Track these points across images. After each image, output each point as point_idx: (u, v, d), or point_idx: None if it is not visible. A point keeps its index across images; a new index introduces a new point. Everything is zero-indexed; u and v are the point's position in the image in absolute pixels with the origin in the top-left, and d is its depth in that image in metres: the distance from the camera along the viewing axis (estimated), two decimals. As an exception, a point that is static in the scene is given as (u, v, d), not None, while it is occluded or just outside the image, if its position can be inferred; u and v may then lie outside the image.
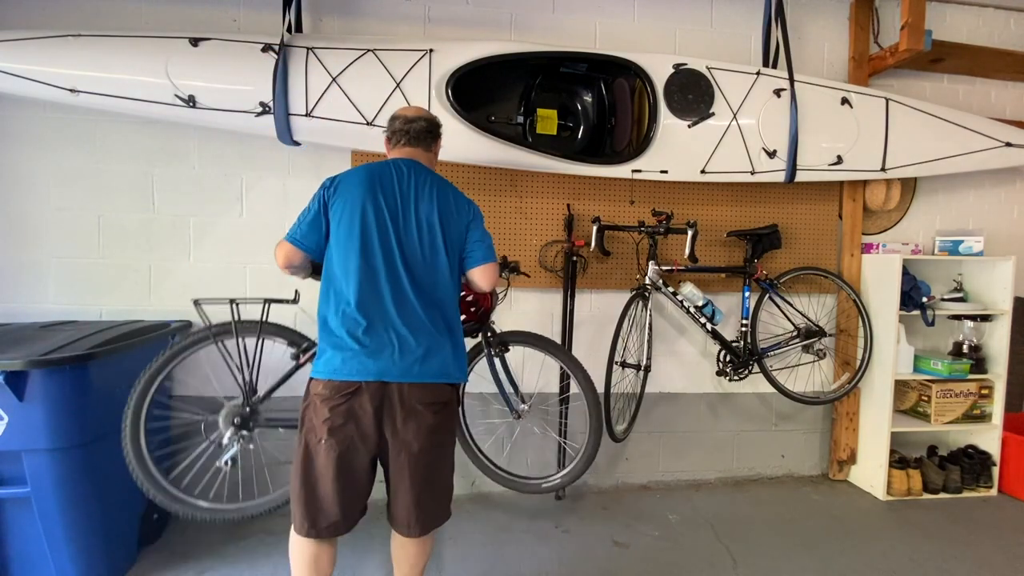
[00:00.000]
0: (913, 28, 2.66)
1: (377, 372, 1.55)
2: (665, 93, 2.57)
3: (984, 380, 3.02)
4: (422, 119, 1.81)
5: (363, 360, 1.55)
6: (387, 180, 1.68)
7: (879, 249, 3.03)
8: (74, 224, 2.54)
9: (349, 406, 1.55)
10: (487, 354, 2.40)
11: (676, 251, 2.90)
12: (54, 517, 1.92)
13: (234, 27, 2.58)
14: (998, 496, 2.99)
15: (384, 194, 1.65)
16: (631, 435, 2.88)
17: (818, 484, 3.12)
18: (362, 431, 1.55)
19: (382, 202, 1.64)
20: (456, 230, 1.72)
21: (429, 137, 1.82)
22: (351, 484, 1.58)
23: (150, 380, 2.00)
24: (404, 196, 1.67)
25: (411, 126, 1.78)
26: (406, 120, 1.79)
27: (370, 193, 1.65)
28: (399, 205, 1.66)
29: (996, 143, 2.91)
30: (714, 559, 2.36)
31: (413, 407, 1.57)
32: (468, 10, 2.74)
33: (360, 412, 1.55)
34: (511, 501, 2.83)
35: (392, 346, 1.58)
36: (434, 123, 1.84)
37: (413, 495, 1.60)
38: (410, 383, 1.57)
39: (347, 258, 1.61)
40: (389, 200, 1.65)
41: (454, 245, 1.71)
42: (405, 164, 1.73)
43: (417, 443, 1.58)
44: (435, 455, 1.63)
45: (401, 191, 1.67)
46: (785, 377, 2.99)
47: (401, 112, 1.84)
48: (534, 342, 2.42)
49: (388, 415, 1.56)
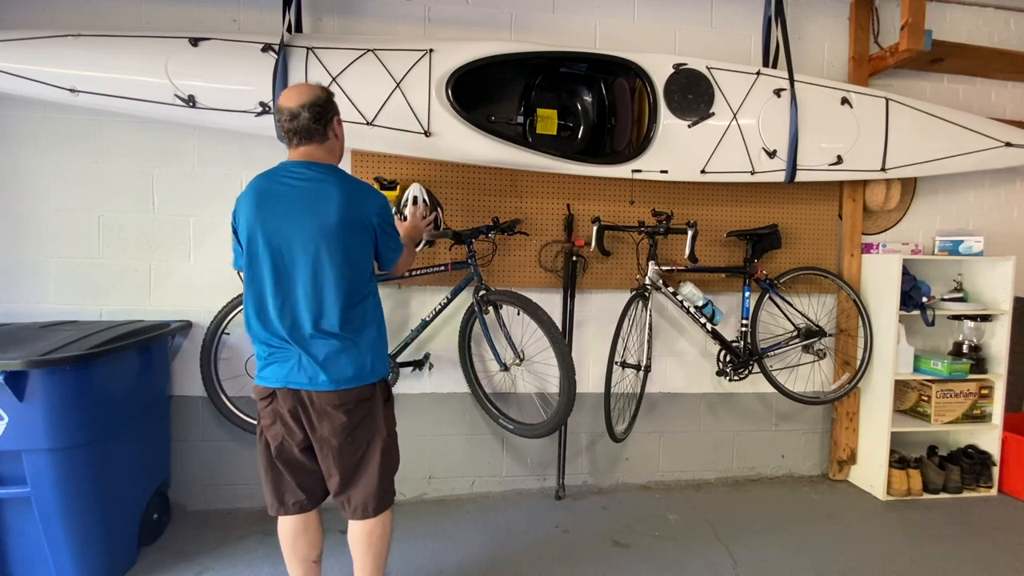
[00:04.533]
0: (913, 28, 2.66)
1: (285, 380, 1.64)
2: (665, 93, 2.57)
3: (984, 380, 3.02)
4: (305, 107, 1.62)
5: (274, 369, 1.66)
6: (271, 189, 1.64)
7: (879, 249, 3.03)
8: (74, 224, 2.54)
9: (272, 408, 1.69)
10: (478, 312, 2.55)
11: (676, 251, 2.90)
12: (54, 517, 1.92)
13: (234, 27, 2.58)
14: (998, 496, 2.99)
15: (270, 203, 1.62)
16: (631, 435, 2.88)
17: (818, 484, 3.12)
18: (287, 428, 1.69)
19: (268, 213, 1.62)
20: (357, 231, 1.66)
21: (319, 129, 1.66)
22: (297, 469, 1.73)
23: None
24: (293, 200, 1.61)
25: (296, 123, 1.63)
26: (290, 115, 1.63)
27: (256, 207, 1.63)
28: (283, 211, 1.61)
29: (996, 143, 2.91)
30: (714, 559, 2.36)
31: (323, 409, 1.65)
32: (468, 10, 2.74)
33: (281, 412, 1.68)
34: (511, 501, 2.83)
35: (295, 358, 1.63)
36: (320, 108, 1.64)
37: (340, 481, 1.71)
38: (317, 391, 1.63)
39: (249, 276, 1.66)
40: (275, 208, 1.62)
41: (355, 245, 1.66)
42: (294, 166, 1.66)
43: (336, 439, 1.67)
44: (356, 448, 1.70)
45: (290, 196, 1.62)
46: (785, 377, 2.99)
47: (282, 104, 1.65)
48: (508, 299, 2.45)
49: (304, 416, 1.67)
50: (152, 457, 2.41)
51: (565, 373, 2.33)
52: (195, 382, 2.58)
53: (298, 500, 1.75)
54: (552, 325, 2.35)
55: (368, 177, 2.64)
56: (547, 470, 2.94)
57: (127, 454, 2.18)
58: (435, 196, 2.59)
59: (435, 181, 2.70)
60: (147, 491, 2.34)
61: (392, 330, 2.70)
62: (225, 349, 2.58)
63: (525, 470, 2.94)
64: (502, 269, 2.79)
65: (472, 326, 2.68)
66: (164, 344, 2.49)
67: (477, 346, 2.79)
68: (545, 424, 2.48)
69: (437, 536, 2.48)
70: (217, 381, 2.54)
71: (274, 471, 1.74)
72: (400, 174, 2.66)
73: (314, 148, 1.69)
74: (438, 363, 2.79)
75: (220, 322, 2.52)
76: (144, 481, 2.33)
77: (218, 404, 2.53)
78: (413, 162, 2.66)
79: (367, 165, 2.65)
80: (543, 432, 2.50)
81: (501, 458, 2.92)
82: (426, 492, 2.86)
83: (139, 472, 2.28)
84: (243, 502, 2.68)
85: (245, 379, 2.56)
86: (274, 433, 1.71)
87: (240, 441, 2.64)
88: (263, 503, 1.78)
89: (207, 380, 2.51)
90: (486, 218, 2.71)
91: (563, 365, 2.34)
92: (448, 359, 2.80)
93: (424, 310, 2.66)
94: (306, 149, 1.69)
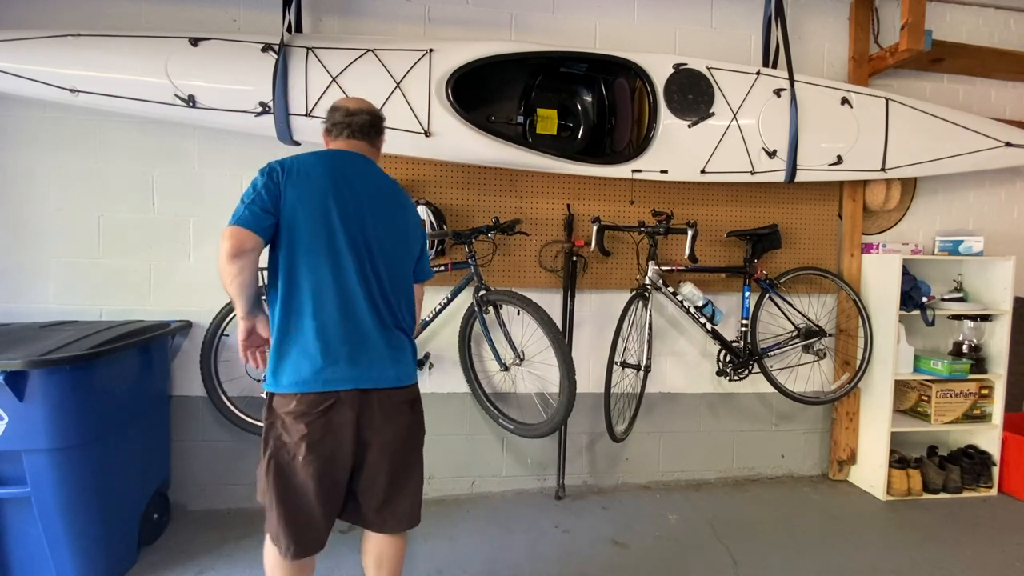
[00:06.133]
0: (913, 28, 2.67)
1: (355, 380, 1.49)
2: (665, 93, 2.57)
3: (984, 380, 3.02)
4: (365, 112, 1.68)
5: (337, 369, 1.48)
6: (349, 172, 1.58)
7: (879, 249, 3.03)
8: (74, 224, 2.54)
9: (327, 419, 1.47)
10: (478, 312, 2.56)
11: (676, 251, 2.90)
12: (54, 517, 1.92)
13: (234, 27, 2.58)
14: (998, 496, 2.99)
15: (350, 187, 1.54)
16: (631, 435, 2.88)
17: (818, 484, 3.12)
18: (339, 442, 1.49)
19: (348, 196, 1.53)
20: (414, 236, 1.70)
21: (373, 131, 1.70)
22: (334, 495, 1.53)
23: None
24: (370, 191, 1.58)
25: (353, 119, 1.66)
26: (347, 112, 1.66)
27: (333, 185, 1.52)
28: (365, 200, 1.56)
29: (996, 143, 2.91)
30: (714, 559, 2.36)
31: (396, 407, 1.57)
32: (468, 10, 2.74)
33: (340, 422, 1.49)
34: (511, 501, 2.83)
35: (367, 352, 1.52)
36: (378, 116, 1.72)
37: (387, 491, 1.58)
38: (388, 388, 1.55)
39: (314, 259, 1.49)
40: (356, 194, 1.55)
41: (414, 249, 1.70)
42: (361, 158, 1.64)
43: (399, 442, 1.58)
44: (413, 449, 1.65)
45: (365, 185, 1.58)
46: (785, 377, 2.99)
47: (342, 103, 1.70)
48: (508, 299, 2.46)
49: (368, 421, 1.52)
50: (152, 457, 2.41)
51: (565, 373, 2.33)
52: (195, 382, 2.58)
53: (319, 538, 1.54)
54: (552, 325, 2.35)
55: (368, 177, 2.64)
56: (547, 470, 2.94)
57: (127, 454, 2.18)
58: (442, 212, 2.60)
59: (435, 181, 2.70)
60: (147, 491, 2.34)
61: (392, 330, 2.71)
62: (225, 350, 2.58)
63: (525, 470, 2.94)
64: (502, 269, 2.79)
65: (472, 326, 2.68)
66: (164, 344, 2.49)
67: (477, 346, 2.79)
68: (545, 424, 2.48)
69: (437, 536, 2.48)
70: (217, 381, 2.54)
71: (300, 501, 1.49)
72: (400, 174, 2.66)
73: (364, 146, 1.68)
74: (438, 363, 2.79)
75: (220, 322, 2.52)
76: (144, 481, 2.33)
77: (218, 404, 2.53)
78: (413, 162, 2.66)
79: (367, 165, 2.65)
80: (543, 432, 2.50)
81: (501, 458, 2.92)
82: (426, 492, 2.83)
83: (139, 472, 2.28)
84: (243, 502, 2.68)
85: (246, 379, 2.56)
86: (322, 451, 1.47)
87: (240, 441, 2.64)
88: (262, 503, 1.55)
89: (207, 380, 2.51)
90: (486, 218, 2.71)
91: (563, 365, 2.34)
92: (448, 359, 2.80)
93: (424, 310, 2.66)
94: (357, 143, 1.67)
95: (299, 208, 1.48)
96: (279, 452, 1.49)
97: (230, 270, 1.43)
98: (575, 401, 2.38)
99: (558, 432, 2.84)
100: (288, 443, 1.48)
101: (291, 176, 1.50)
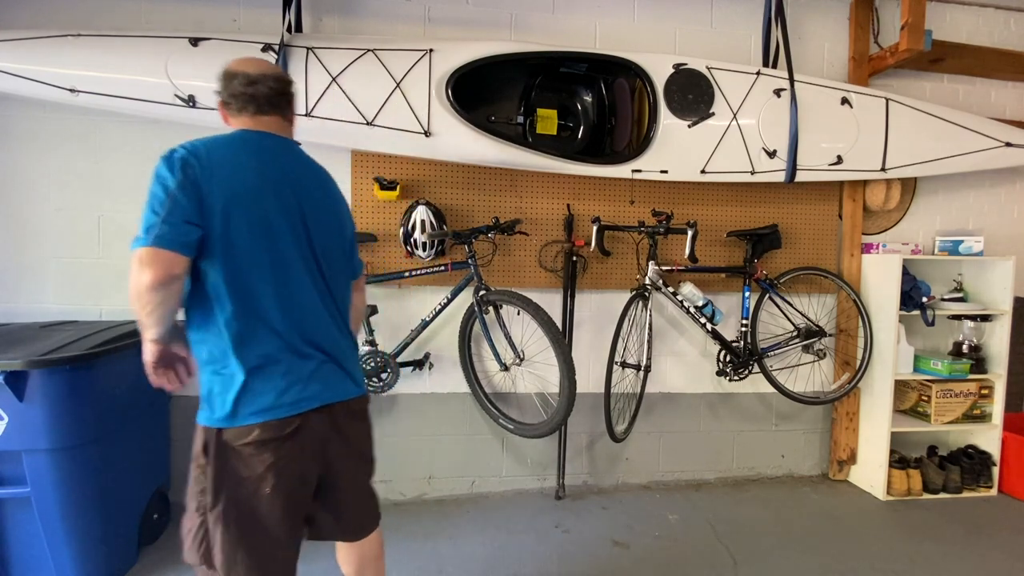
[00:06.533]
0: (913, 28, 2.67)
1: (320, 396, 1.34)
2: (665, 93, 2.57)
3: (984, 380, 3.02)
4: (270, 78, 1.37)
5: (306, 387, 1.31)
6: (281, 160, 1.35)
7: (879, 249, 3.03)
8: (74, 224, 2.54)
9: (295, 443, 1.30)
10: (478, 312, 2.54)
11: (676, 251, 2.90)
12: (54, 517, 1.92)
13: (234, 27, 2.58)
14: (998, 496, 2.99)
15: (285, 179, 1.33)
16: (631, 435, 2.88)
17: (818, 484, 3.12)
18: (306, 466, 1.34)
19: (285, 191, 1.32)
20: (349, 228, 1.52)
21: (284, 102, 1.41)
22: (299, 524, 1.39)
23: None
24: (305, 183, 1.37)
25: (257, 88, 1.35)
26: (248, 79, 1.34)
27: (264, 178, 1.29)
28: (303, 195, 1.35)
29: (996, 143, 2.91)
30: (714, 559, 2.36)
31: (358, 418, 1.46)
32: (468, 10, 2.74)
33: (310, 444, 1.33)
34: (511, 501, 2.83)
35: (328, 365, 1.37)
36: (287, 82, 1.42)
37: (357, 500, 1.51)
38: (349, 399, 1.41)
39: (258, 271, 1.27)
40: (293, 188, 1.34)
41: (348, 243, 1.51)
42: (284, 142, 1.40)
43: (366, 451, 1.51)
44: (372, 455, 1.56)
45: (300, 176, 1.37)
46: (785, 377, 2.99)
47: (238, 67, 1.37)
48: (508, 299, 2.46)
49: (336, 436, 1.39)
50: (152, 457, 2.41)
51: (565, 373, 2.34)
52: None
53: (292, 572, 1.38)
54: (552, 325, 2.35)
55: (368, 177, 2.64)
56: (547, 470, 2.94)
57: (127, 454, 2.18)
58: (442, 212, 2.60)
59: (435, 181, 2.70)
60: (147, 491, 2.34)
61: (392, 330, 2.72)
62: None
63: (525, 470, 2.94)
64: (502, 269, 2.79)
65: (472, 326, 2.68)
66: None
67: (477, 346, 2.79)
68: (545, 424, 2.48)
69: (437, 536, 2.48)
70: None
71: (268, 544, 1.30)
72: (400, 174, 2.66)
73: (277, 121, 1.40)
74: (438, 363, 2.79)
75: None
76: (144, 481, 2.33)
77: None
78: (413, 162, 2.66)
79: (367, 165, 2.65)
80: (543, 432, 2.50)
81: (501, 458, 2.92)
82: (426, 492, 2.86)
83: (139, 472, 2.28)
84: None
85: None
86: (291, 477, 1.30)
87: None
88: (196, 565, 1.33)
89: None
90: (486, 218, 2.71)
91: (563, 365, 2.34)
92: (448, 359, 2.80)
93: (424, 310, 2.66)
94: (269, 120, 1.38)
95: (233, 212, 1.24)
96: (236, 492, 1.27)
97: (150, 300, 1.18)
98: (575, 401, 2.38)
99: (558, 432, 2.84)
100: (248, 478, 1.27)
101: (211, 171, 1.23)
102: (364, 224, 2.66)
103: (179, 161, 1.21)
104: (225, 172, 1.25)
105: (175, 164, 1.21)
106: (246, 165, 1.29)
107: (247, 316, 1.26)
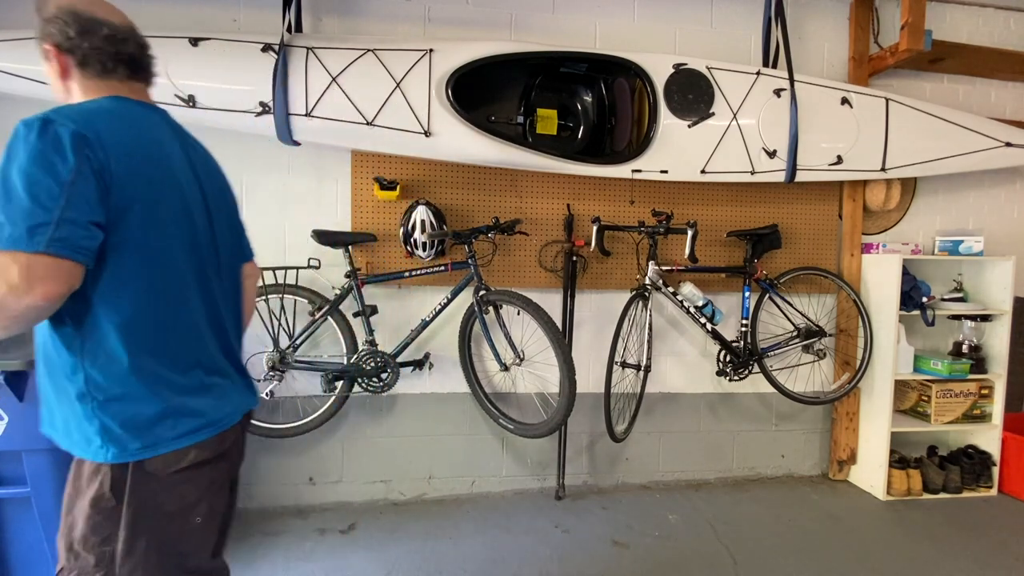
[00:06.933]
0: (913, 28, 2.67)
1: (241, 407, 1.22)
2: (665, 93, 2.57)
3: (984, 380, 3.02)
4: (136, 32, 1.13)
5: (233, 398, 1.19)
6: (181, 139, 1.16)
7: (879, 249, 3.03)
8: (74, 224, 2.53)
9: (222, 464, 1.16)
10: (478, 312, 2.54)
11: (676, 251, 2.90)
12: (54, 517, 1.91)
13: (234, 27, 2.58)
14: (998, 496, 2.99)
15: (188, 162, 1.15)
16: (631, 435, 2.88)
17: (818, 484, 3.12)
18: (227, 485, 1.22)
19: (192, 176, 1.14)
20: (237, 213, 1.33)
21: (152, 63, 1.16)
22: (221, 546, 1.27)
23: None
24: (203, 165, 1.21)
25: (127, 46, 1.09)
26: (116, 33, 1.07)
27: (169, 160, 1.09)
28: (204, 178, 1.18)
29: (996, 143, 2.91)
30: (714, 559, 2.36)
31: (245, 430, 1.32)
32: (468, 10, 2.74)
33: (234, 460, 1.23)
34: (511, 501, 2.83)
35: (243, 372, 1.26)
36: (145, 38, 1.15)
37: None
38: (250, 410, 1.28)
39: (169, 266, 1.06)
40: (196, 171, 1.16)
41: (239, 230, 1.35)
42: (163, 113, 1.17)
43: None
44: None
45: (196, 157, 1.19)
46: (785, 377, 2.99)
47: (94, 11, 1.07)
48: (508, 299, 2.46)
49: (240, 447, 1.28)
50: (152, 457, 2.40)
51: (565, 373, 2.34)
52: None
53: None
54: (552, 325, 2.35)
55: (368, 177, 2.64)
56: (547, 470, 2.94)
57: (127, 454, 2.17)
58: (442, 212, 2.60)
59: (435, 181, 2.70)
60: (147, 491, 2.34)
61: (392, 330, 2.72)
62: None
63: (525, 470, 2.94)
64: (502, 269, 2.79)
65: (472, 326, 2.68)
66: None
67: (477, 346, 2.79)
68: (545, 424, 2.48)
69: (437, 536, 2.48)
70: None
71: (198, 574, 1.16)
72: (400, 174, 2.66)
73: (144, 89, 1.16)
74: (438, 363, 2.79)
75: None
76: (144, 481, 2.32)
77: None
78: (413, 162, 2.67)
79: (367, 165, 2.65)
80: (543, 432, 2.51)
81: (501, 458, 2.92)
82: (426, 492, 2.86)
83: (139, 472, 2.27)
84: (242, 502, 2.67)
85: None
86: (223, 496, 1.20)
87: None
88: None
89: None
90: (486, 218, 2.72)
91: (563, 365, 2.34)
92: (448, 359, 2.80)
93: (424, 310, 2.66)
94: (144, 89, 1.16)
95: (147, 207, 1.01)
96: (162, 532, 1.06)
97: (23, 322, 0.93)
98: (575, 401, 2.38)
99: (558, 432, 2.84)
100: (175, 512, 1.07)
101: (110, 152, 0.96)
102: (364, 224, 2.66)
103: (73, 139, 0.92)
104: (125, 153, 0.99)
105: (65, 142, 0.91)
106: (147, 144, 1.05)
107: (158, 326, 1.05)
